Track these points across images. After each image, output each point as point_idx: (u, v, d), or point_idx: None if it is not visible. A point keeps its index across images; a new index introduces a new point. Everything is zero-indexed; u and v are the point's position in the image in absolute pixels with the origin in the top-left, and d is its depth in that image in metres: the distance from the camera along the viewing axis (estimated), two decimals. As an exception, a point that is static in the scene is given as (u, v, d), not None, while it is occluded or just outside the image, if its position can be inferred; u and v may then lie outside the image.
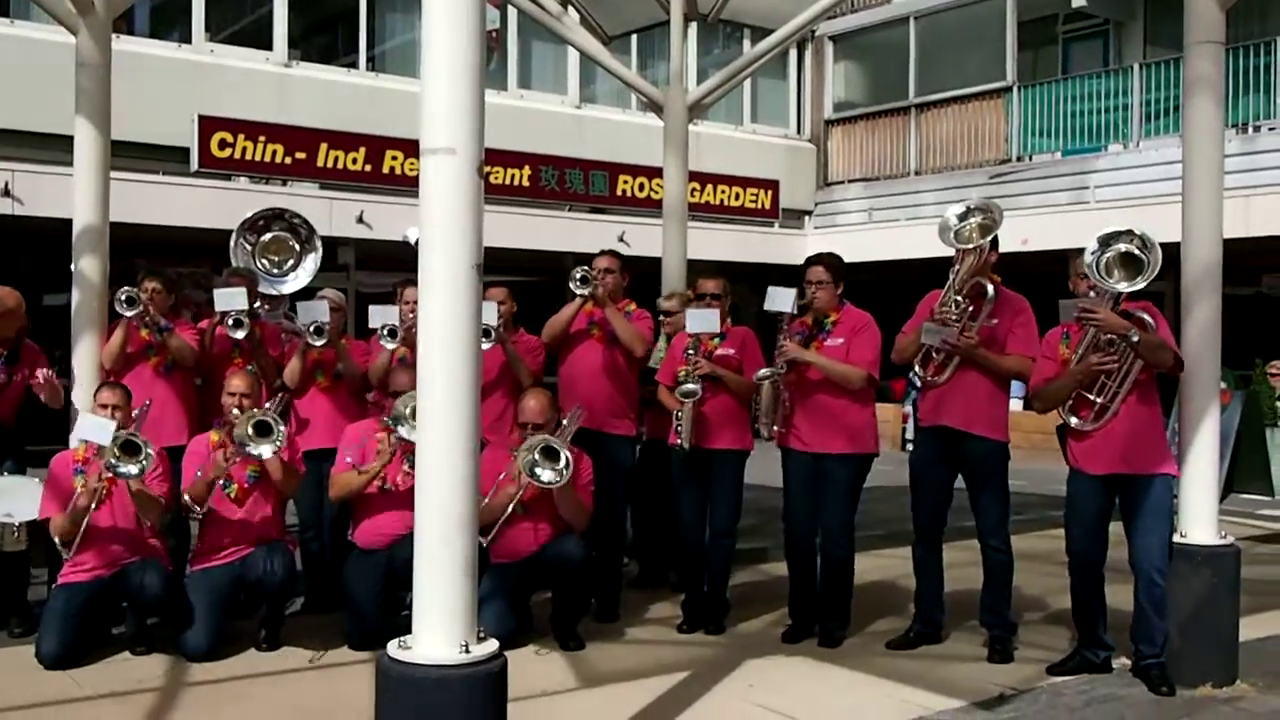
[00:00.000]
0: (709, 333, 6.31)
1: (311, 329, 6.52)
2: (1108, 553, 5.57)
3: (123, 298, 6.25)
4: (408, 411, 5.77)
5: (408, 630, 3.63)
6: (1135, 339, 5.19)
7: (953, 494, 6.07)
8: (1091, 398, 5.39)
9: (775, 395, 6.11)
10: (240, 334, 6.49)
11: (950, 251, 5.94)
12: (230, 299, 6.48)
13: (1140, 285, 5.21)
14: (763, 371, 6.06)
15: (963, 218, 5.95)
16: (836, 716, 5.12)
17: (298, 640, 6.01)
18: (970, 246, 5.83)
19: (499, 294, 6.66)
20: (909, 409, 15.59)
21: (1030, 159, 17.56)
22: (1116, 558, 5.58)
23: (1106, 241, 5.31)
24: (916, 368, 5.99)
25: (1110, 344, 5.32)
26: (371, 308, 6.87)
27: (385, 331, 6.64)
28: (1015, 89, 17.64)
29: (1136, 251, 5.23)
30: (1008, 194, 16.48)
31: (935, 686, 5.44)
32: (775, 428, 6.13)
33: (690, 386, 6.17)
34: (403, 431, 5.81)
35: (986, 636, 6.01)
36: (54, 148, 11.82)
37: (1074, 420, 5.46)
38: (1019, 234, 14.83)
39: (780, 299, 6.07)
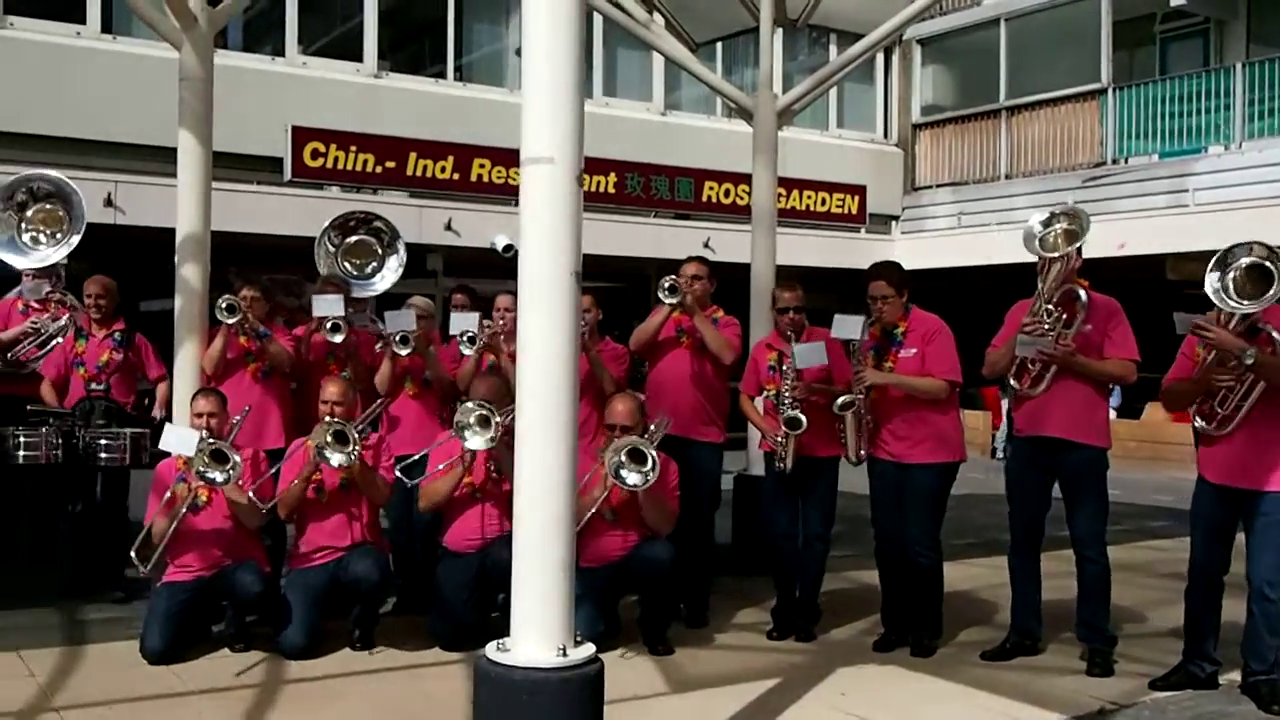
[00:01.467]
0: (819, 366, 6.23)
1: (397, 338, 6.62)
2: (1229, 566, 5.44)
3: (224, 305, 6.41)
4: (470, 420, 5.81)
5: (499, 631, 3.66)
6: (1249, 361, 5.06)
7: (1050, 503, 5.97)
8: (1216, 406, 5.27)
9: (859, 421, 6.05)
10: (338, 338, 6.62)
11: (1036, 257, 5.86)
12: (329, 305, 6.61)
13: (1272, 298, 5.05)
14: (843, 399, 5.99)
15: (1047, 224, 5.85)
16: (932, 727, 5.06)
17: (391, 641, 6.10)
18: (1056, 255, 5.74)
19: (586, 301, 6.66)
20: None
21: (1126, 162, 17.21)
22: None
23: (1224, 261, 5.17)
24: (1011, 380, 5.90)
25: (1227, 361, 5.18)
26: (452, 315, 6.96)
27: (464, 338, 6.70)
28: (1110, 90, 17.31)
29: (1265, 263, 5.07)
30: (1102, 198, 16.20)
31: (1032, 699, 5.35)
32: (861, 451, 6.09)
33: (796, 416, 6.10)
34: (468, 443, 5.85)
35: (1084, 649, 5.90)
36: (154, 159, 12.19)
37: (1199, 423, 5.34)
38: (1115, 238, 14.60)
39: (848, 326, 6.01)
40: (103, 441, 6.84)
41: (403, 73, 15.72)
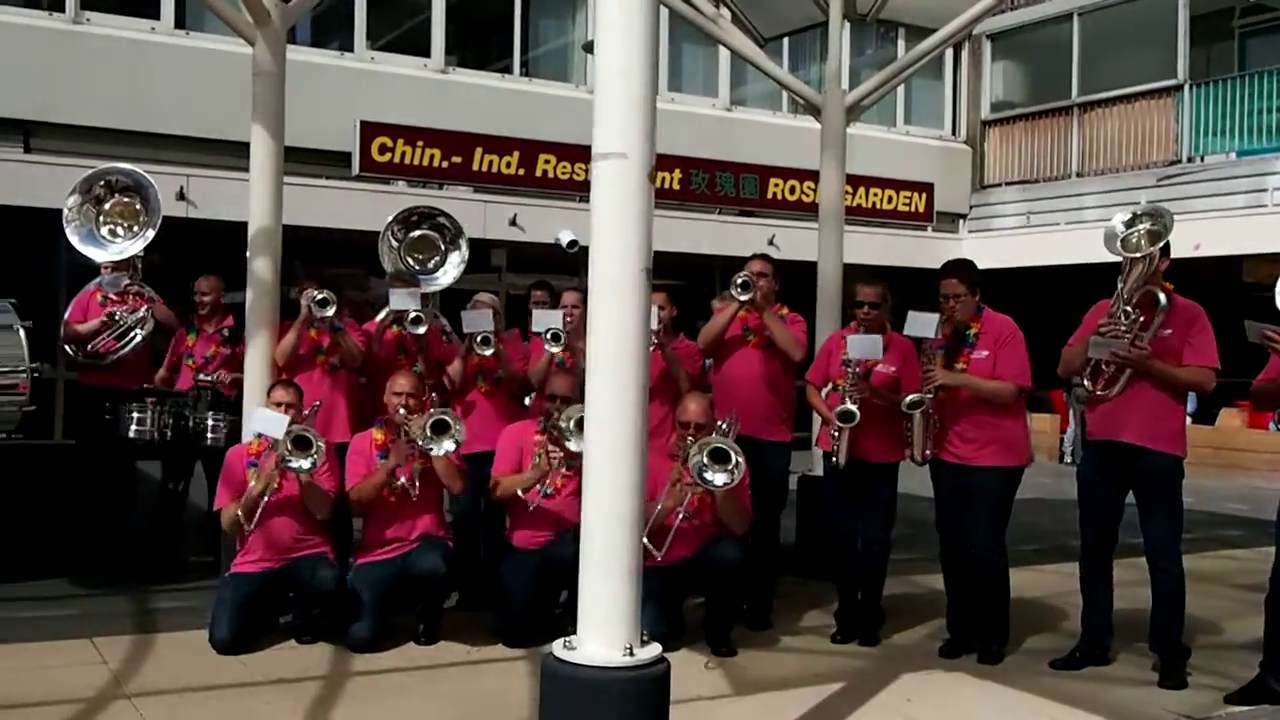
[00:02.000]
0: (873, 360, 6.20)
1: (479, 339, 6.66)
2: None
3: (318, 298, 6.50)
4: (571, 425, 5.82)
5: (561, 627, 3.66)
6: None
7: (1123, 510, 5.85)
8: None
9: (926, 422, 5.96)
10: (421, 329, 6.71)
11: (1117, 257, 5.73)
12: (407, 299, 6.68)
13: None
14: (912, 398, 5.90)
15: (1130, 224, 5.71)
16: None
17: (454, 635, 6.12)
18: (1139, 255, 5.62)
19: (660, 299, 6.66)
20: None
21: (1202, 160, 16.86)
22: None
23: None
24: (1085, 381, 5.79)
25: None
26: (535, 312, 6.98)
27: (549, 335, 6.72)
28: (1187, 86, 16.98)
29: None
30: (1177, 196, 15.87)
31: (1103, 710, 5.25)
32: (927, 451, 6.00)
33: (849, 408, 6.06)
34: (571, 446, 5.84)
35: (1156, 660, 5.77)
36: (226, 153, 12.34)
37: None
38: (1191, 239, 14.30)
39: (922, 324, 5.91)
40: (209, 423, 7.09)
41: (469, 68, 15.79)
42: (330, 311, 6.55)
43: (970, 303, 5.98)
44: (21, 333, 6.39)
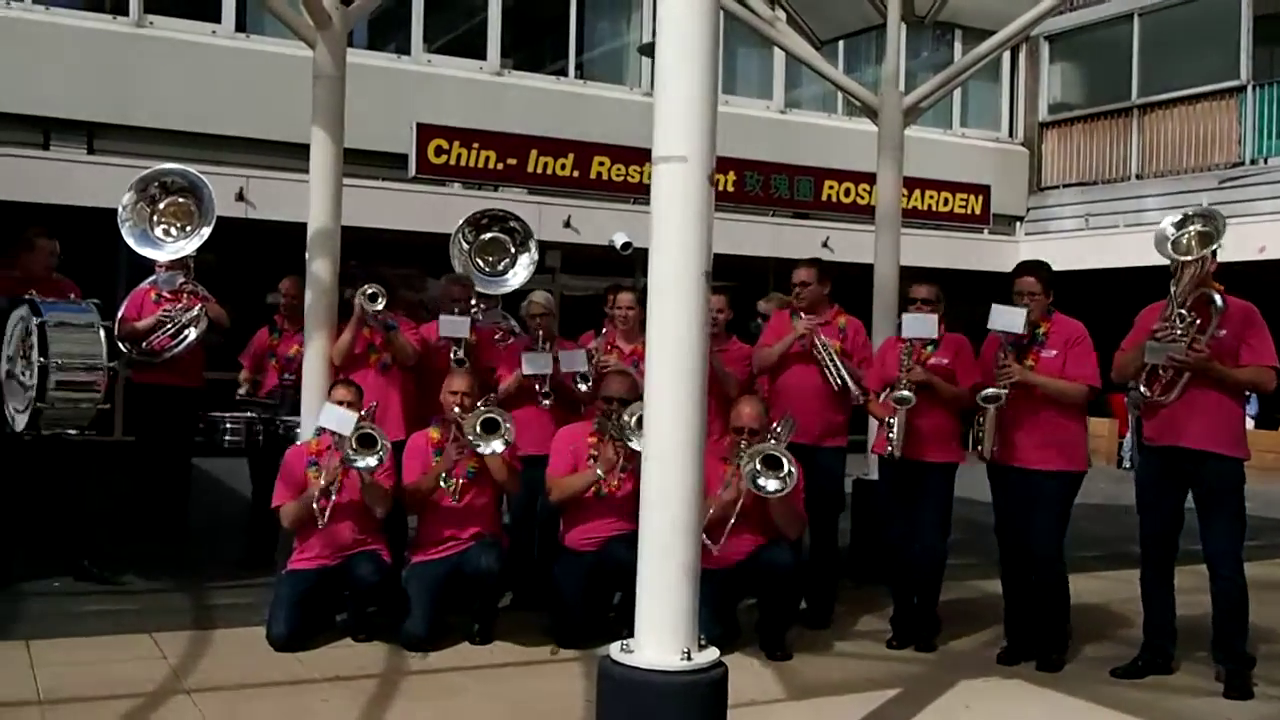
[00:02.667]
0: (923, 339, 6.18)
1: (577, 379, 6.80)
2: None
3: (368, 293, 6.53)
4: (633, 422, 5.82)
5: (614, 629, 3.66)
6: None
7: (1183, 516, 5.77)
8: None
9: (1000, 417, 5.90)
10: (460, 353, 6.77)
11: (1167, 261, 5.66)
12: (455, 326, 6.77)
13: None
14: (988, 392, 5.83)
15: (1180, 226, 5.64)
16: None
17: (508, 636, 6.14)
18: (1191, 258, 5.53)
19: (719, 302, 6.69)
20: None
21: (1265, 162, 16.55)
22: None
23: None
24: (1141, 387, 5.71)
25: None
26: (562, 354, 6.92)
27: (578, 377, 6.83)
28: (1250, 88, 16.69)
29: None
30: (1240, 199, 15.63)
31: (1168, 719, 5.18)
32: (994, 448, 5.94)
33: (904, 394, 6.04)
34: (635, 444, 5.84)
35: (1220, 669, 5.68)
36: (284, 154, 12.47)
37: None
38: (1254, 242, 14.07)
39: (1008, 318, 5.82)
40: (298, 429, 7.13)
41: (525, 70, 15.85)
42: (379, 305, 6.54)
43: (1043, 302, 5.93)
44: (101, 333, 6.50)
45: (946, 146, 18.10)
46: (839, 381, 6.55)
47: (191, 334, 7.83)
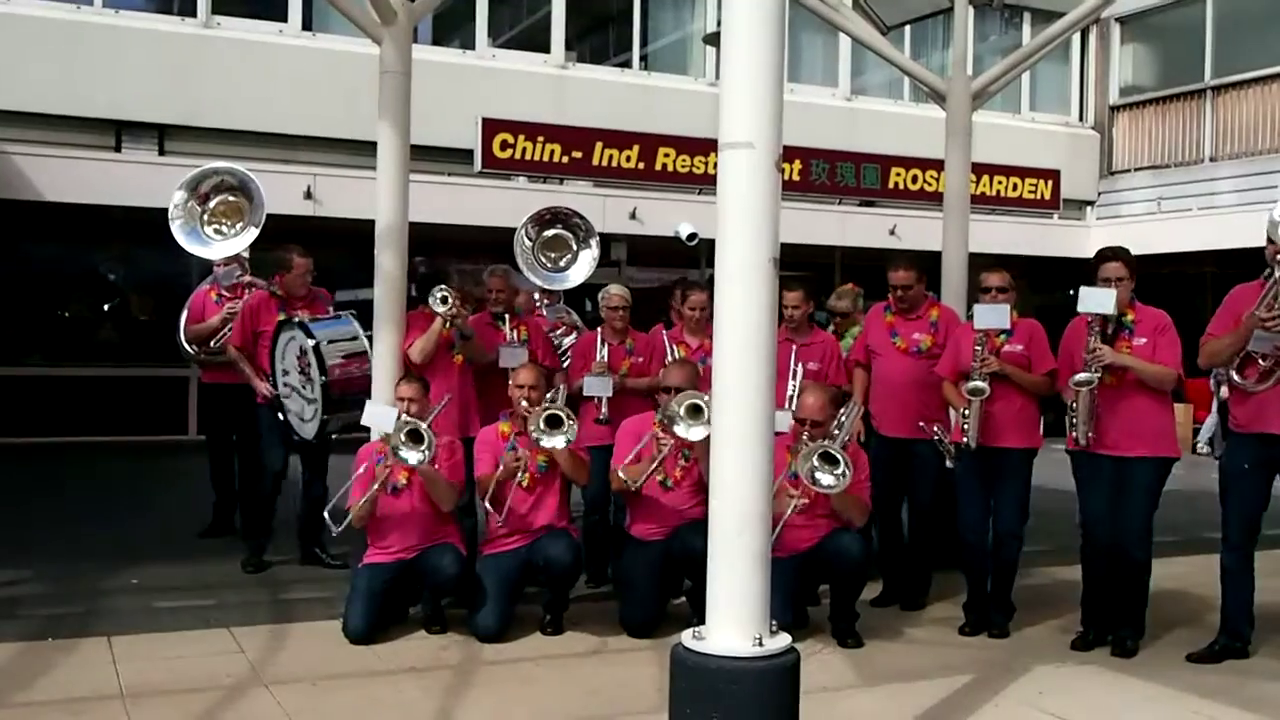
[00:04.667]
0: (997, 329, 6.12)
1: (597, 401, 6.93)
2: None
3: (439, 295, 6.60)
4: (681, 410, 5.82)
5: (683, 616, 3.66)
6: None
7: (1268, 502, 5.67)
8: None
9: (1091, 400, 5.82)
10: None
11: (1250, 243, 5.54)
12: (513, 356, 6.79)
13: None
14: (1080, 377, 5.75)
15: None
16: (1139, 732, 4.83)
17: (579, 626, 6.18)
18: None
19: (794, 298, 6.83)
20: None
21: (1342, 143, 16.20)
22: None
23: None
24: (1233, 374, 5.61)
25: None
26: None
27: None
28: (1327, 67, 16.32)
29: None
30: (1316, 181, 15.28)
31: (1245, 704, 5.10)
32: (1090, 434, 5.85)
33: (978, 384, 6.00)
34: (679, 430, 5.85)
35: (1302, 654, 5.60)
36: (351, 152, 12.62)
37: None
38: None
39: (1098, 300, 5.72)
40: None
41: (589, 63, 15.88)
42: (445, 309, 6.60)
43: (1129, 288, 5.86)
44: (364, 340, 6.96)
45: (1015, 131, 17.87)
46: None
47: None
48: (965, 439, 6.10)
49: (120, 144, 13.14)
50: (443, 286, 6.65)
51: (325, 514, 6.45)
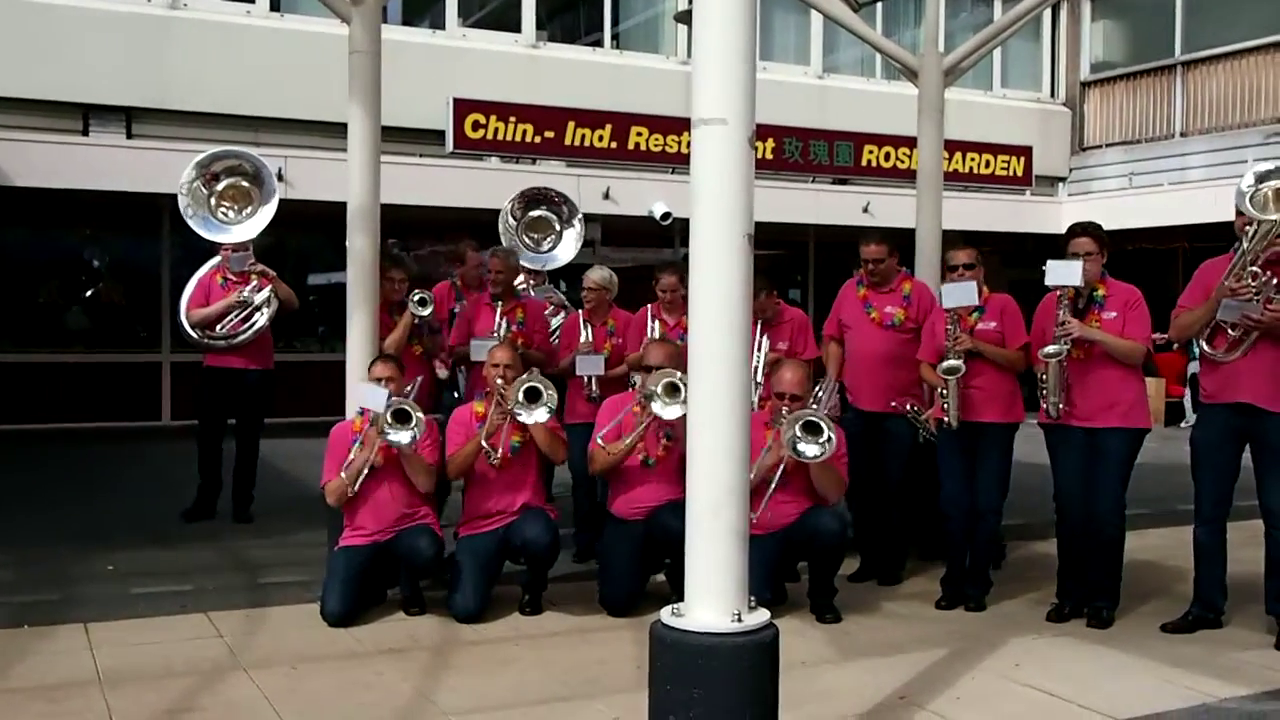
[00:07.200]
0: (968, 306, 6.15)
1: (586, 380, 7.05)
2: None
3: (417, 299, 6.86)
4: (659, 389, 5.83)
5: (662, 595, 3.67)
6: None
7: (1239, 473, 5.72)
8: None
9: (1061, 372, 5.86)
10: (426, 311, 7.18)
11: (1221, 218, 5.57)
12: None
13: None
14: (1049, 349, 5.81)
15: (1261, 180, 5.50)
16: (1115, 701, 4.84)
17: (557, 605, 6.20)
18: (1275, 217, 5.41)
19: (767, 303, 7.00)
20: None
21: (1312, 116, 16.28)
22: None
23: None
24: (1203, 344, 5.65)
25: None
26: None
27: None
28: (1297, 41, 16.39)
29: None
30: (1287, 154, 15.35)
31: (1219, 673, 5.16)
32: (1061, 405, 5.89)
33: (953, 363, 6.04)
34: (655, 408, 5.86)
35: (1272, 623, 5.67)
36: (322, 134, 12.52)
37: None
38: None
39: (1065, 273, 5.76)
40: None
41: (560, 42, 15.80)
42: (427, 311, 6.98)
43: (1099, 263, 5.90)
44: None
45: (987, 108, 17.91)
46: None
47: (264, 315, 7.87)
48: (946, 419, 6.12)
49: (88, 127, 12.99)
50: (420, 291, 6.95)
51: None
